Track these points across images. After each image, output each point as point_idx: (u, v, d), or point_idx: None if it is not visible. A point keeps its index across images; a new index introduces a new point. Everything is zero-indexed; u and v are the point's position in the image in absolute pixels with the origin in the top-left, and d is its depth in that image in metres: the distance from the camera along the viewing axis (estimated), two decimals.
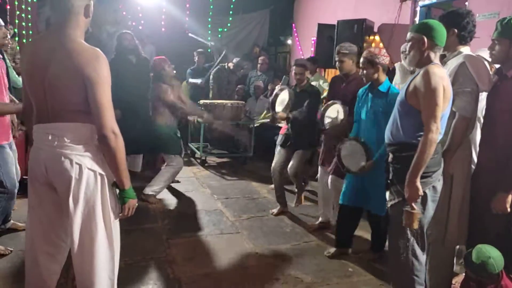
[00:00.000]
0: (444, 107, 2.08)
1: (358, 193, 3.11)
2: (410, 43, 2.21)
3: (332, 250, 3.30)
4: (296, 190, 4.41)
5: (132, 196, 1.90)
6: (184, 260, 3.08)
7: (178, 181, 4.98)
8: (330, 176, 3.51)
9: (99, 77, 1.73)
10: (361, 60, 3.00)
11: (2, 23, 2.98)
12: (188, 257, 3.13)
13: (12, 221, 3.27)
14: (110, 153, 1.77)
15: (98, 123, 1.73)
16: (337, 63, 3.42)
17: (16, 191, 2.98)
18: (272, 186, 4.89)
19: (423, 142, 2.04)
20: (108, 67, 1.77)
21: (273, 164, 4.23)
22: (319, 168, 3.89)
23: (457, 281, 2.66)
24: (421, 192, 2.09)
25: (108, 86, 1.77)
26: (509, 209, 2.29)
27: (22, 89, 1.96)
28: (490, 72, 2.50)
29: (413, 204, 2.10)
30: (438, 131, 2.04)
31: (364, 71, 2.98)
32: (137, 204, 1.95)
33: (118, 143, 1.76)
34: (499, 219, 2.35)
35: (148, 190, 4.29)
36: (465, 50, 2.47)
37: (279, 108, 4.08)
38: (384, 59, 2.97)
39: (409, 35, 2.22)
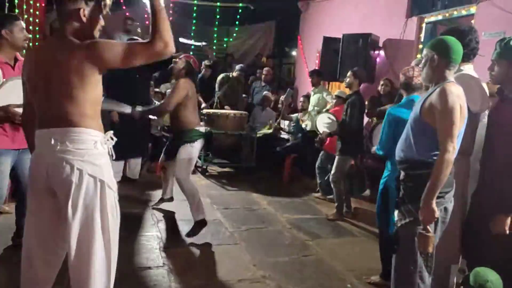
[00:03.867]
0: (460, 126, 2.04)
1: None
2: (424, 60, 2.20)
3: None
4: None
5: None
6: (181, 270, 3.04)
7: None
8: None
9: (110, 43, 1.78)
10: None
11: (24, 25, 2.86)
12: (185, 267, 3.10)
13: None
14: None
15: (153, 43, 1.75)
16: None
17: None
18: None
19: (440, 162, 1.98)
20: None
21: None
22: None
23: None
24: (437, 215, 2.02)
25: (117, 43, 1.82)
26: (507, 231, 2.25)
27: (23, 95, 1.96)
28: (486, 93, 2.47)
29: (428, 227, 2.03)
30: (454, 151, 1.98)
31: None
32: None
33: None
34: (502, 239, 2.31)
35: (197, 217, 3.72)
36: (467, 68, 2.45)
37: (322, 128, 4.82)
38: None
39: (424, 51, 2.21)
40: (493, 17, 4.37)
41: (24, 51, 2.94)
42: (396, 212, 2.27)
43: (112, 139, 1.91)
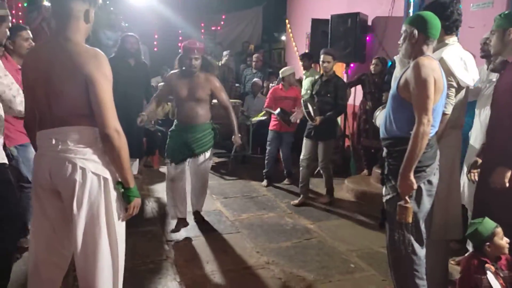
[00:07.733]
0: (436, 99, 2.05)
1: None
2: (403, 36, 2.19)
3: None
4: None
5: (136, 195, 1.89)
6: (184, 261, 3.06)
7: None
8: None
9: (99, 74, 1.73)
10: None
11: (30, 34, 3.03)
12: (188, 258, 3.11)
13: None
14: (114, 153, 1.76)
15: (100, 122, 1.73)
16: None
17: None
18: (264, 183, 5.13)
19: (415, 135, 2.01)
20: (109, 66, 1.78)
21: (301, 156, 4.47)
22: None
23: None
24: (415, 186, 2.05)
25: (110, 84, 1.77)
26: (507, 184, 2.27)
27: (24, 97, 1.96)
28: (475, 65, 2.44)
29: (406, 198, 2.07)
30: (429, 123, 2.00)
31: None
32: (140, 203, 1.93)
33: (122, 142, 1.76)
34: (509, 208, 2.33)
35: None
36: (451, 40, 2.42)
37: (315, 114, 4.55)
38: None
39: (403, 27, 2.20)
40: None
41: None
42: (383, 189, 2.30)
43: None
